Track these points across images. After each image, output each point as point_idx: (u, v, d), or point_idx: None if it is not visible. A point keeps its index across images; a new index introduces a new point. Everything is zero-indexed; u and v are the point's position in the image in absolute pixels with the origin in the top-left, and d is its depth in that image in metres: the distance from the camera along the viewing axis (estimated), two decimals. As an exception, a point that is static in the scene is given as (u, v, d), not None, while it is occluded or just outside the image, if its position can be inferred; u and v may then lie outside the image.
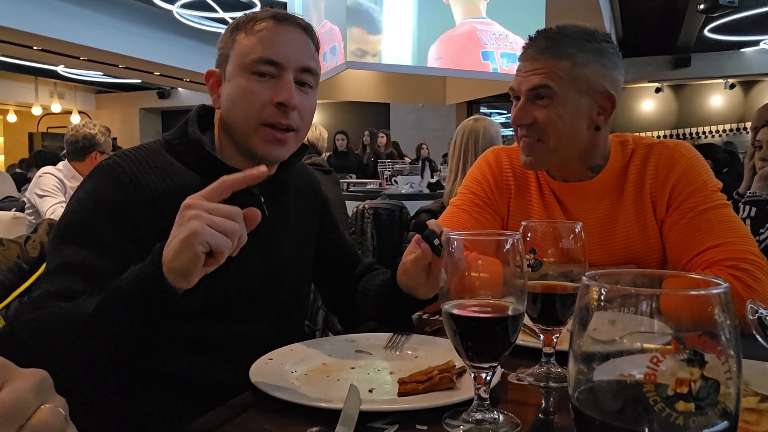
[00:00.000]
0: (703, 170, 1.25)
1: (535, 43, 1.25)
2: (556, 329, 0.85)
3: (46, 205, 3.17)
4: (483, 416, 0.70)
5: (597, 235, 1.29)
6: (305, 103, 1.08)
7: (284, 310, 1.14)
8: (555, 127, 1.22)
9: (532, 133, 1.24)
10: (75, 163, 3.36)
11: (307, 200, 1.26)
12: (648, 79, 11.58)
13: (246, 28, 1.06)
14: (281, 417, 0.74)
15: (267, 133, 1.05)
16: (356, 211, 2.67)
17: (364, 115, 12.65)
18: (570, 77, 1.20)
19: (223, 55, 1.09)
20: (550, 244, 0.86)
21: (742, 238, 1.17)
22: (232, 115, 1.06)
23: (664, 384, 0.39)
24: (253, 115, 1.04)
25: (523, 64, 1.26)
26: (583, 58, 1.20)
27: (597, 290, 0.43)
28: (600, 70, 1.22)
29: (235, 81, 1.05)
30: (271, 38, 1.04)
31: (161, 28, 9.14)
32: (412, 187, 5.04)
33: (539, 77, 1.21)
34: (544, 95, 1.21)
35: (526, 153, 1.27)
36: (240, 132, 1.06)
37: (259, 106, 1.03)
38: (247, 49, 1.04)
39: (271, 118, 1.04)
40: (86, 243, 0.92)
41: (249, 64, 1.03)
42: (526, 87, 1.23)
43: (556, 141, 1.23)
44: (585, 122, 1.23)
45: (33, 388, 0.40)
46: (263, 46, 1.04)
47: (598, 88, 1.22)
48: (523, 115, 1.24)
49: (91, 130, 3.36)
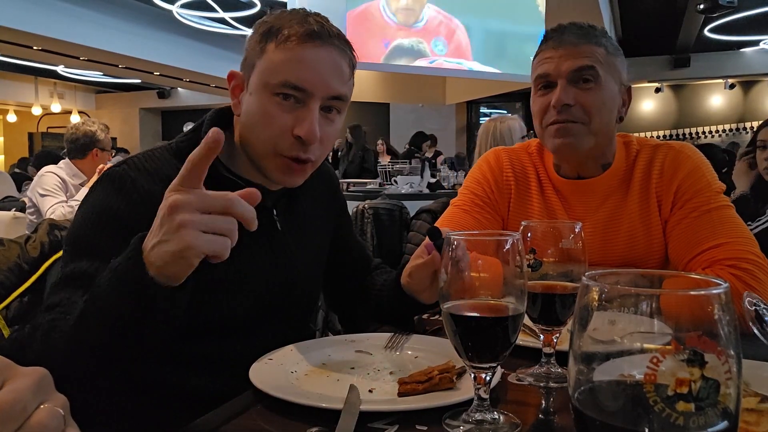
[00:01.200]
0: (708, 172, 1.26)
1: (569, 31, 1.26)
2: (556, 329, 0.85)
3: (47, 205, 3.18)
4: (483, 416, 0.70)
5: (600, 233, 1.29)
6: (328, 132, 1.00)
7: (294, 322, 1.12)
8: (598, 110, 1.23)
9: (572, 116, 1.23)
10: (76, 161, 3.38)
11: (325, 203, 1.23)
12: (648, 79, 11.58)
13: (277, 40, 0.96)
14: (281, 417, 0.74)
15: (283, 162, 0.98)
16: (356, 211, 2.67)
17: (364, 115, 12.65)
18: (607, 64, 1.23)
19: (249, 61, 1.00)
20: (550, 244, 0.86)
21: (744, 238, 1.17)
22: (249, 133, 1.00)
23: (664, 384, 0.39)
24: (271, 143, 0.97)
25: (555, 50, 1.25)
26: (612, 48, 1.25)
27: (597, 290, 0.43)
28: (623, 64, 1.28)
29: (258, 98, 0.97)
30: (301, 59, 0.95)
31: (161, 28, 9.13)
32: (412, 187, 5.04)
33: (584, 59, 1.22)
34: (589, 78, 1.22)
35: (562, 135, 1.24)
36: (256, 153, 1.00)
37: (278, 132, 0.96)
38: (273, 66, 0.95)
39: (289, 152, 0.97)
40: (96, 257, 0.89)
41: (274, 85, 0.95)
42: (569, 68, 1.22)
43: (598, 124, 1.24)
44: (616, 112, 1.27)
45: (32, 388, 0.40)
46: (291, 68, 0.95)
47: (624, 80, 1.28)
48: (566, 95, 1.23)
49: (91, 127, 3.39)
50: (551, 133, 1.26)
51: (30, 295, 1.13)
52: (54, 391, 0.43)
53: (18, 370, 0.41)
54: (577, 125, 1.24)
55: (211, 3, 7.70)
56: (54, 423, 0.41)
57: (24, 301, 1.13)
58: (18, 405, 0.39)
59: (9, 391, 0.39)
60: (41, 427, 0.40)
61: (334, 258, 1.27)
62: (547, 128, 1.27)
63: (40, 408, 0.40)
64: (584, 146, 1.26)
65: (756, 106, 11.68)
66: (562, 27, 1.28)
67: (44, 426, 0.40)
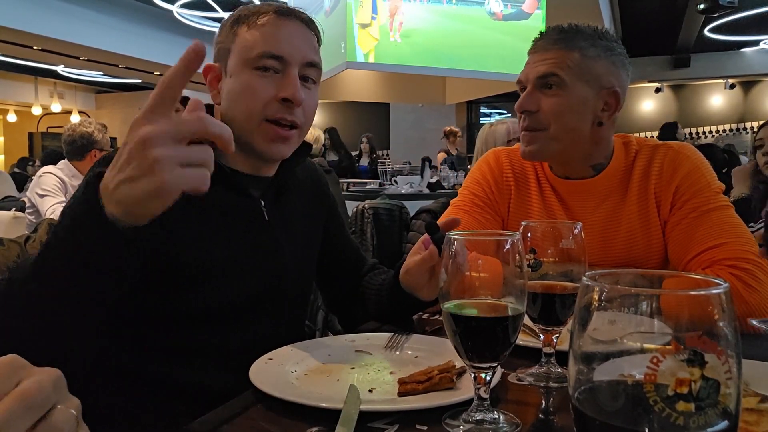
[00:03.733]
0: (707, 172, 1.26)
1: (546, 36, 1.27)
2: (556, 329, 0.85)
3: (46, 205, 3.17)
4: (483, 416, 0.70)
5: (599, 234, 1.29)
6: (309, 99, 1.06)
7: (285, 314, 1.13)
8: (559, 116, 1.23)
9: (534, 123, 1.25)
10: (75, 162, 3.37)
11: (313, 201, 1.24)
12: (648, 79, 11.58)
13: (248, 22, 1.04)
14: (281, 417, 0.74)
15: (270, 129, 1.03)
16: (356, 211, 2.67)
17: (364, 114, 12.64)
18: (579, 68, 1.22)
19: (223, 49, 1.06)
20: (550, 244, 0.86)
21: (743, 238, 1.17)
22: (233, 112, 1.04)
23: (664, 384, 0.39)
24: (257, 111, 1.01)
25: (532, 56, 1.28)
26: (593, 52, 1.24)
27: (597, 290, 0.43)
28: (608, 67, 1.25)
29: (238, 76, 1.03)
30: (275, 33, 1.03)
31: (161, 28, 9.13)
32: (412, 187, 5.04)
33: (548, 66, 1.23)
34: (552, 83, 1.23)
35: (527, 142, 1.28)
36: (242, 129, 1.02)
37: (263, 101, 1.01)
38: (249, 43, 1.02)
39: (276, 114, 1.02)
40: None
41: (252, 59, 1.01)
42: (534, 75, 1.25)
43: (558, 130, 1.24)
44: (589, 116, 1.25)
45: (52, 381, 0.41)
46: (267, 41, 1.02)
47: (605, 83, 1.25)
48: (528, 101, 1.25)
49: (88, 128, 3.36)
50: (521, 140, 1.30)
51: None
52: (67, 392, 0.44)
53: (34, 369, 0.42)
54: (539, 132, 1.25)
55: (211, 3, 7.70)
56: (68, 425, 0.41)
57: None
58: (42, 394, 0.40)
59: (33, 381, 0.40)
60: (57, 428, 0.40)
61: (326, 257, 1.28)
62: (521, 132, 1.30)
63: (56, 409, 0.41)
64: (546, 152, 1.28)
65: (756, 106, 11.67)
66: (545, 31, 1.29)
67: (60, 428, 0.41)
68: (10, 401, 0.38)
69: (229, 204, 1.04)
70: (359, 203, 2.69)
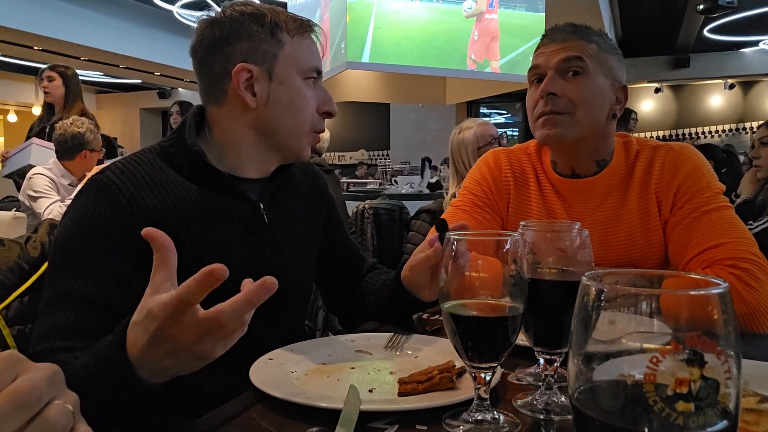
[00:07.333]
0: (708, 173, 1.27)
1: (561, 28, 1.29)
2: (556, 353, 0.77)
3: (43, 206, 3.13)
4: (483, 416, 0.70)
5: (599, 233, 1.29)
6: None
7: (285, 316, 1.12)
8: (585, 101, 1.24)
9: (558, 106, 1.25)
10: (65, 162, 3.27)
11: (312, 201, 1.24)
12: (647, 80, 11.59)
13: (288, 30, 1.06)
14: (281, 417, 0.74)
15: (313, 138, 1.11)
16: (356, 211, 2.67)
17: (364, 115, 12.64)
18: (598, 59, 1.25)
19: (268, 53, 1.04)
20: (550, 244, 0.86)
21: (743, 238, 1.17)
22: (284, 118, 1.06)
23: (663, 384, 0.39)
24: (308, 121, 1.08)
25: (549, 45, 1.28)
26: (606, 46, 1.27)
27: (597, 290, 0.43)
28: (618, 62, 1.29)
29: (292, 84, 1.06)
30: (313, 46, 1.10)
31: (161, 28, 9.14)
32: (412, 187, 5.05)
33: (573, 51, 1.24)
34: (576, 69, 1.24)
35: (549, 126, 1.26)
36: (289, 134, 1.08)
37: (312, 112, 1.08)
38: (301, 53, 1.06)
39: (318, 125, 1.11)
40: (85, 270, 0.89)
41: (306, 70, 1.07)
42: (558, 58, 1.25)
43: (582, 115, 1.25)
44: (606, 107, 1.27)
45: (46, 380, 0.41)
46: (314, 54, 1.09)
47: (617, 78, 1.28)
48: (552, 85, 1.25)
49: (79, 128, 3.26)
50: (539, 125, 1.29)
51: (30, 295, 1.13)
52: (65, 387, 0.44)
53: (31, 364, 0.42)
54: (563, 116, 1.25)
55: (211, 3, 7.70)
56: (63, 420, 0.42)
57: (24, 301, 1.12)
58: (34, 392, 0.40)
59: (25, 379, 0.40)
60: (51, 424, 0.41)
61: (325, 257, 1.28)
62: (537, 120, 1.29)
63: (51, 404, 0.41)
64: (570, 136, 1.27)
65: (756, 106, 11.67)
66: (558, 26, 1.31)
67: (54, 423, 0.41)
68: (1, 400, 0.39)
69: (228, 209, 1.04)
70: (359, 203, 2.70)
